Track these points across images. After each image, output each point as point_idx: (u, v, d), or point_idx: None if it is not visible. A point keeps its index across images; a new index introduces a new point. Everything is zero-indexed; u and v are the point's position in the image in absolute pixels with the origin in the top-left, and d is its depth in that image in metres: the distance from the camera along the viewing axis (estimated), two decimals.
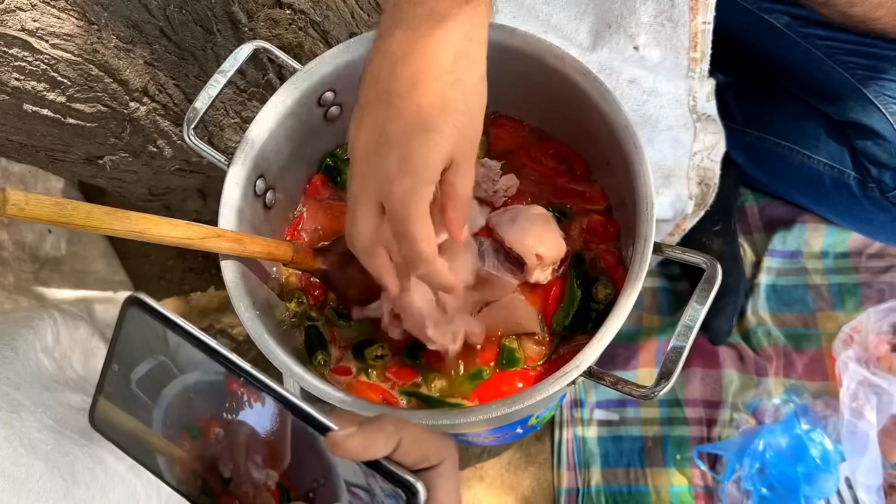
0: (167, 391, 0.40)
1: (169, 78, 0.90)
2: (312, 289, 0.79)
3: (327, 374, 0.76)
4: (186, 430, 0.40)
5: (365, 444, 0.35)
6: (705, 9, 0.84)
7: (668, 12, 0.88)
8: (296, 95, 0.75)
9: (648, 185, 0.65)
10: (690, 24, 0.86)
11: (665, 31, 0.89)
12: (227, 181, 0.71)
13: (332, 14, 0.96)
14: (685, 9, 0.86)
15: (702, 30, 0.86)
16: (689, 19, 0.86)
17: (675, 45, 0.89)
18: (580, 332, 0.75)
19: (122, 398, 0.41)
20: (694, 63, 0.89)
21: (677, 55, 0.90)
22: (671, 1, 0.87)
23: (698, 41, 0.87)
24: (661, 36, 0.90)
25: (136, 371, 0.40)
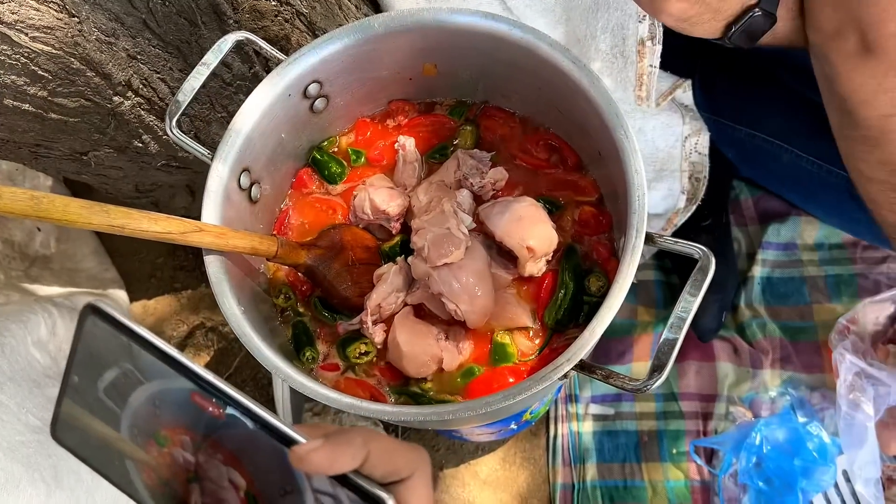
0: (133, 399, 0.38)
1: (153, 71, 0.89)
2: (300, 284, 0.78)
3: (315, 371, 0.75)
4: (153, 438, 0.39)
5: (331, 459, 0.33)
6: (651, 54, 0.84)
7: (621, 47, 0.88)
8: (280, 87, 0.73)
9: (640, 174, 0.64)
10: (637, 64, 0.86)
11: (617, 65, 0.90)
12: (210, 175, 0.70)
13: (318, 5, 0.95)
14: (633, 49, 0.86)
15: (647, 72, 0.86)
16: (637, 60, 0.86)
17: (624, 80, 0.89)
18: (573, 324, 0.74)
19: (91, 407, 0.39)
20: (640, 100, 0.90)
21: (626, 90, 0.90)
22: (623, 41, 0.87)
23: (644, 81, 0.87)
24: (613, 68, 0.90)
25: (102, 379, 0.39)
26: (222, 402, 0.36)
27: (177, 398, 0.37)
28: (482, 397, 0.60)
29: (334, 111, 0.81)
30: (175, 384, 0.37)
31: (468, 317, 0.70)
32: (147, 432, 0.39)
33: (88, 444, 0.40)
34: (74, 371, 0.39)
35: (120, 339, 0.37)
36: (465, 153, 0.79)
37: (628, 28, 0.84)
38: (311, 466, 0.33)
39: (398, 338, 0.70)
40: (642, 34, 0.82)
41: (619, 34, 0.85)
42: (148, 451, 0.39)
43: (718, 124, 1.12)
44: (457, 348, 0.73)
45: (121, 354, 0.38)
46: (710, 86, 1.13)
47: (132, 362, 0.38)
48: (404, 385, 0.73)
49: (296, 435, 0.35)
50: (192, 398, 0.37)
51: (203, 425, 0.37)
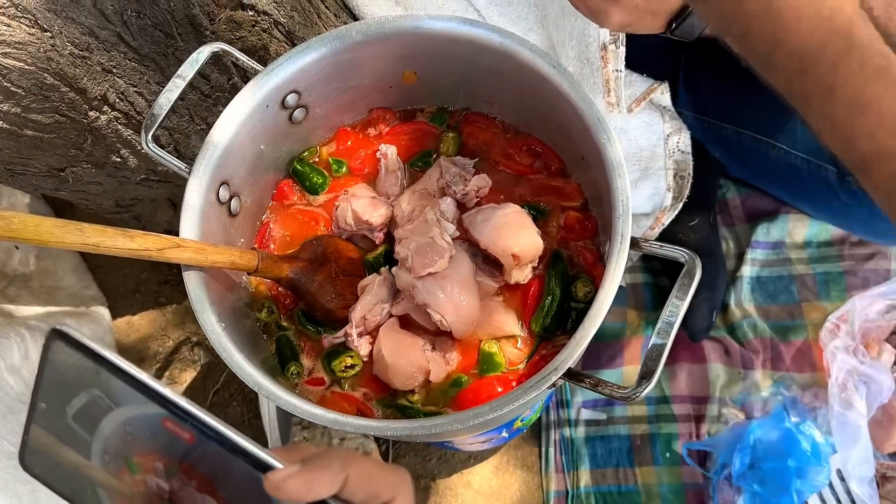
0: (103, 426, 0.37)
1: (129, 85, 0.87)
2: (283, 297, 0.77)
3: (301, 386, 0.74)
4: (126, 465, 0.37)
5: (307, 485, 0.32)
6: (615, 58, 0.83)
7: (585, 53, 0.87)
8: (258, 98, 0.72)
9: (623, 178, 0.63)
10: (602, 70, 0.85)
11: (586, 71, 0.89)
12: (188, 189, 0.68)
13: (297, 15, 0.94)
14: (597, 55, 0.85)
15: (613, 77, 0.85)
16: (601, 66, 0.85)
17: (593, 86, 0.88)
18: (560, 331, 0.73)
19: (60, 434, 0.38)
20: (611, 107, 0.89)
21: (595, 96, 0.89)
22: (587, 47, 0.86)
23: (611, 87, 0.86)
24: (583, 74, 0.90)
25: (71, 405, 0.37)
26: (194, 427, 0.35)
27: (148, 424, 0.36)
28: (469, 410, 0.59)
29: (314, 121, 0.80)
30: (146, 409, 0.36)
31: (454, 327, 0.69)
32: (119, 459, 0.38)
33: (59, 472, 0.39)
34: (41, 398, 0.38)
35: (87, 364, 0.36)
36: (448, 160, 0.79)
37: (589, 34, 0.83)
38: (286, 494, 0.32)
39: (383, 350, 0.69)
40: (604, 39, 0.81)
41: (583, 41, 0.85)
42: (120, 478, 0.38)
43: (705, 123, 1.11)
44: (444, 359, 0.72)
45: (89, 380, 0.36)
46: (695, 85, 1.12)
47: (101, 388, 0.36)
48: (391, 398, 0.72)
49: (271, 460, 0.34)
50: (164, 424, 0.36)
51: (176, 451, 0.36)
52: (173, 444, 0.36)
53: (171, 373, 1.24)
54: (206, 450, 0.35)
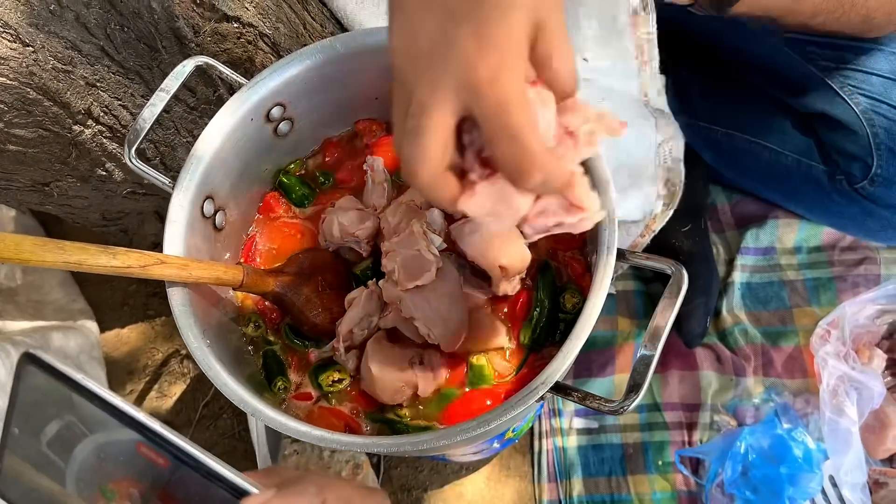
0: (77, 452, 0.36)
1: (114, 98, 0.87)
2: (270, 311, 0.76)
3: (288, 401, 0.73)
4: (101, 491, 0.37)
5: None
6: (645, 23, 0.85)
7: (612, 26, 0.88)
8: (242, 112, 0.72)
9: (609, 193, 0.63)
10: (634, 36, 0.86)
11: (612, 44, 0.90)
12: (172, 204, 0.68)
13: (282, 26, 0.93)
14: (626, 24, 0.86)
15: (646, 39, 0.87)
16: (632, 32, 0.86)
17: (623, 53, 0.89)
18: (549, 342, 0.73)
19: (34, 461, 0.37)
20: (644, 65, 0.90)
21: (627, 61, 0.90)
22: (613, 18, 0.87)
23: (644, 49, 0.88)
24: (608, 47, 0.90)
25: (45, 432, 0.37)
26: (169, 452, 0.34)
27: (122, 450, 0.36)
28: (457, 425, 0.59)
29: (300, 133, 0.79)
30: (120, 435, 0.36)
31: (442, 341, 0.69)
32: (94, 486, 0.37)
33: (33, 499, 0.38)
34: (15, 423, 0.37)
35: (60, 389, 0.35)
36: None
37: (618, 4, 0.84)
38: None
39: (370, 364, 0.68)
40: (634, 4, 0.83)
41: (608, 14, 0.86)
42: None
43: (694, 127, 1.12)
44: (432, 372, 0.71)
45: (62, 405, 0.36)
46: (683, 89, 1.13)
47: (75, 413, 0.36)
48: (380, 412, 0.72)
49: (248, 485, 0.33)
50: (139, 449, 0.35)
51: (151, 477, 0.36)
52: (148, 470, 0.36)
53: (160, 385, 1.24)
54: (182, 476, 0.35)
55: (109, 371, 1.22)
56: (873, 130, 0.90)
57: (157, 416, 1.21)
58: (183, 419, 1.20)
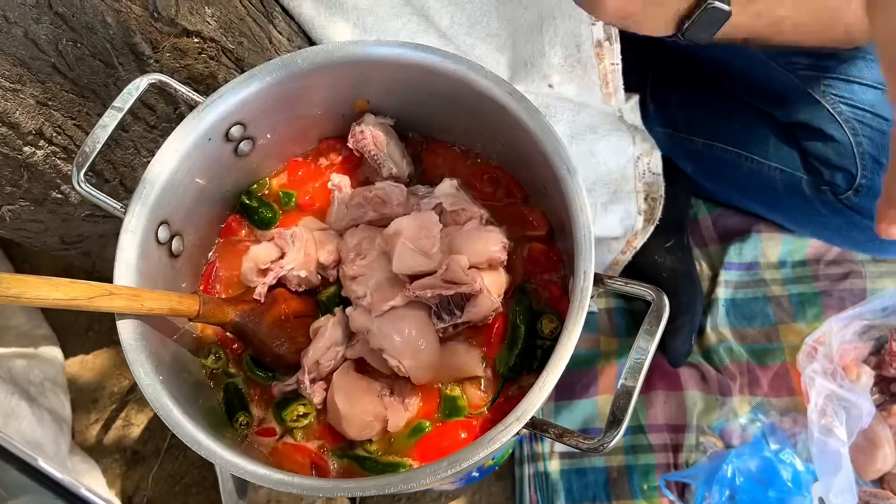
0: None
1: (67, 118, 0.82)
2: (231, 341, 0.72)
3: (251, 437, 0.69)
4: None
5: None
6: (610, 53, 0.82)
7: (576, 56, 0.86)
8: (198, 131, 0.68)
9: (585, 211, 0.59)
10: (598, 66, 0.84)
11: (577, 72, 0.87)
12: (122, 231, 0.64)
13: (246, 41, 0.89)
14: (591, 54, 0.84)
15: (610, 70, 0.85)
16: (597, 63, 0.84)
17: (588, 83, 0.87)
18: (526, 371, 0.69)
19: None
20: (608, 97, 0.88)
21: (591, 91, 0.88)
22: (577, 46, 0.85)
23: (609, 79, 0.86)
24: (573, 75, 0.88)
25: None
26: None
27: None
28: (426, 466, 0.55)
29: (262, 153, 0.76)
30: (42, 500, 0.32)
31: (413, 373, 0.65)
32: None
33: None
34: None
35: None
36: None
37: (581, 34, 0.81)
38: None
39: (337, 398, 0.65)
40: (598, 36, 0.79)
41: (572, 43, 0.83)
42: None
43: (674, 138, 1.09)
44: (403, 405, 0.67)
45: None
46: (664, 99, 1.10)
47: None
48: (348, 448, 0.68)
49: None
50: None
51: None
52: None
53: (126, 414, 1.19)
54: None
55: (74, 399, 1.17)
56: (857, 140, 0.88)
57: (124, 446, 1.17)
58: (150, 449, 1.15)
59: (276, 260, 0.70)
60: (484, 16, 0.89)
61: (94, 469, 1.07)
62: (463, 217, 0.70)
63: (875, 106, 0.87)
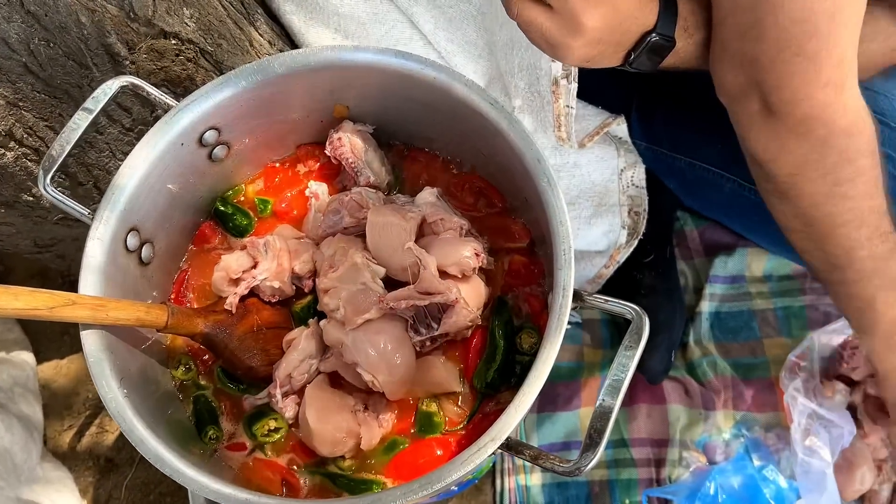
0: None
1: (39, 119, 0.80)
2: (202, 352, 0.70)
3: (220, 452, 0.67)
4: None
5: None
6: (567, 93, 0.80)
7: (536, 86, 0.84)
8: (170, 136, 0.66)
9: (565, 225, 0.58)
10: (553, 105, 0.82)
11: (536, 103, 0.85)
12: (89, 238, 0.62)
13: (225, 43, 0.88)
14: (548, 89, 0.82)
15: (565, 113, 0.82)
16: (552, 100, 0.82)
17: (543, 120, 0.85)
18: (505, 387, 0.68)
19: None
20: (561, 141, 0.86)
21: (546, 130, 0.86)
22: (537, 80, 0.83)
23: (562, 122, 0.84)
24: (533, 106, 0.86)
25: None
26: None
27: None
28: (398, 487, 0.53)
29: (237, 158, 0.74)
30: None
31: (387, 388, 0.63)
32: None
33: None
34: None
35: None
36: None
37: (541, 67, 0.79)
38: None
39: (308, 413, 0.63)
40: (556, 73, 0.77)
41: (533, 73, 0.81)
42: None
43: (658, 154, 1.07)
44: (377, 420, 0.65)
45: None
46: (649, 115, 1.08)
47: None
48: (320, 464, 0.66)
49: None
50: None
51: None
52: None
53: (101, 420, 1.16)
54: None
55: (47, 405, 1.14)
56: None
57: (97, 453, 1.15)
58: (125, 456, 1.13)
59: (248, 269, 0.68)
60: (463, 22, 0.87)
61: (65, 477, 1.05)
62: (442, 227, 0.68)
63: None
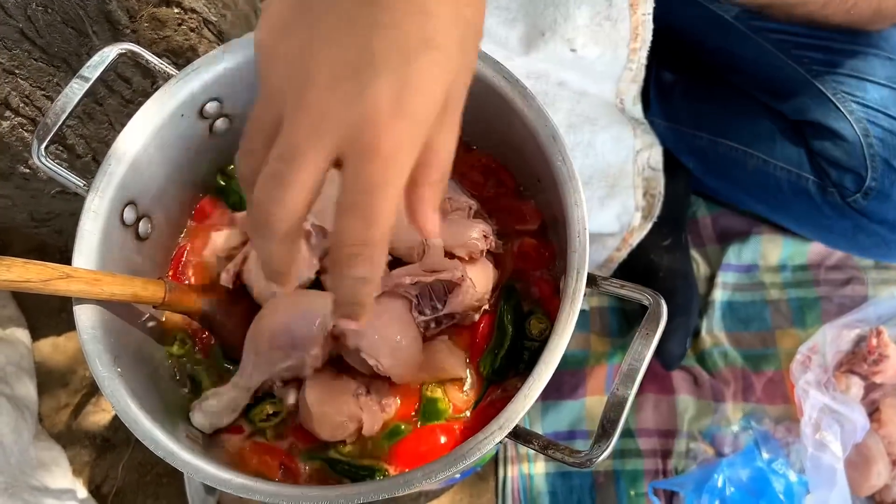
0: None
1: (36, 87, 0.78)
2: (201, 331, 0.68)
3: (219, 434, 0.65)
4: None
5: None
6: (645, 2, 0.79)
7: (606, 12, 0.82)
8: (170, 107, 0.63)
9: (580, 206, 0.55)
10: (631, 18, 0.81)
11: (604, 30, 0.83)
12: (84, 211, 0.60)
13: (229, 13, 0.85)
14: (625, 6, 0.81)
15: (642, 21, 0.81)
16: (630, 14, 0.81)
17: (615, 40, 0.83)
18: (512, 374, 0.65)
19: None
20: (633, 53, 0.84)
21: (616, 49, 0.85)
22: (608, 1, 0.81)
23: (639, 32, 0.82)
24: (599, 35, 0.84)
25: None
26: None
27: None
28: (400, 476, 0.51)
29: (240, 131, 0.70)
30: None
31: (392, 371, 0.61)
32: None
33: None
34: None
35: None
36: None
37: None
38: None
39: (307, 397, 0.60)
40: None
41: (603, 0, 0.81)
42: None
43: (678, 133, 1.05)
44: (379, 405, 0.63)
45: None
46: (667, 93, 1.06)
47: None
48: (321, 449, 0.64)
49: None
50: None
51: None
52: None
53: (98, 399, 1.14)
54: None
55: (43, 383, 1.12)
56: (868, 140, 0.84)
57: (94, 433, 1.13)
58: (121, 437, 1.11)
59: (238, 246, 0.65)
60: None
61: (59, 457, 1.03)
62: (450, 207, 0.66)
63: (888, 106, 0.84)
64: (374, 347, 0.60)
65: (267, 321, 0.61)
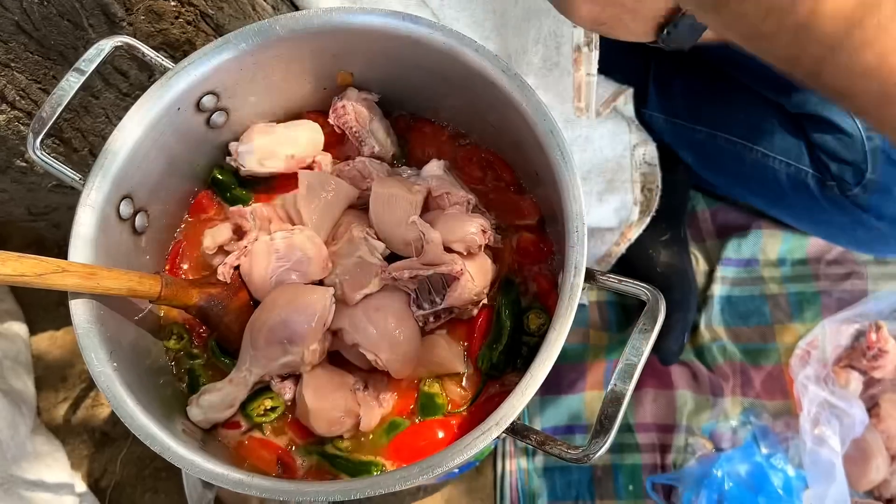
0: None
1: (32, 81, 0.77)
2: (198, 325, 0.67)
3: (217, 429, 0.64)
4: None
5: None
6: (588, 61, 0.79)
7: (555, 58, 0.82)
8: (166, 100, 0.63)
9: (578, 201, 0.55)
10: (574, 74, 0.80)
11: (552, 77, 0.84)
12: (80, 205, 0.59)
13: (227, 6, 0.84)
14: (569, 58, 0.80)
15: (585, 81, 0.81)
16: (573, 70, 0.80)
17: (561, 92, 0.83)
18: (511, 369, 0.65)
19: None
20: (579, 112, 0.84)
21: (563, 102, 0.84)
22: (557, 49, 0.81)
23: (582, 92, 0.82)
24: (548, 81, 0.84)
25: None
26: None
27: None
28: (396, 471, 0.51)
29: (237, 125, 0.71)
30: None
31: (391, 366, 0.61)
32: None
33: None
34: None
35: None
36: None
37: (563, 35, 0.76)
38: None
39: (304, 391, 0.60)
40: (578, 40, 0.74)
41: (553, 43, 0.78)
42: None
43: (676, 126, 1.04)
44: (377, 400, 0.63)
45: None
46: (666, 87, 1.05)
47: None
48: (318, 444, 0.63)
49: None
50: None
51: None
52: None
53: (96, 393, 1.14)
54: None
55: (41, 377, 1.12)
56: (868, 133, 0.84)
57: (92, 427, 1.13)
58: (120, 431, 1.11)
59: (235, 240, 0.65)
60: (471, 2, 0.84)
61: (57, 451, 1.03)
62: (448, 201, 0.66)
63: None
64: (373, 342, 0.59)
65: (265, 316, 0.60)
